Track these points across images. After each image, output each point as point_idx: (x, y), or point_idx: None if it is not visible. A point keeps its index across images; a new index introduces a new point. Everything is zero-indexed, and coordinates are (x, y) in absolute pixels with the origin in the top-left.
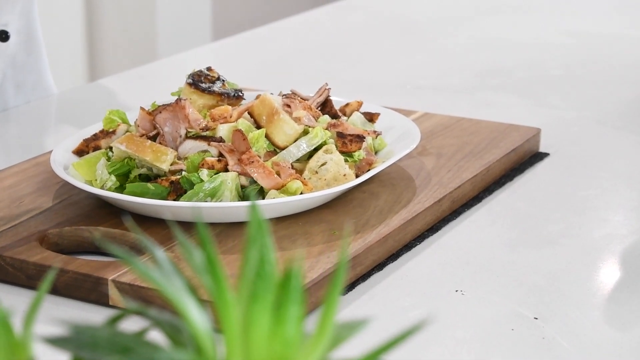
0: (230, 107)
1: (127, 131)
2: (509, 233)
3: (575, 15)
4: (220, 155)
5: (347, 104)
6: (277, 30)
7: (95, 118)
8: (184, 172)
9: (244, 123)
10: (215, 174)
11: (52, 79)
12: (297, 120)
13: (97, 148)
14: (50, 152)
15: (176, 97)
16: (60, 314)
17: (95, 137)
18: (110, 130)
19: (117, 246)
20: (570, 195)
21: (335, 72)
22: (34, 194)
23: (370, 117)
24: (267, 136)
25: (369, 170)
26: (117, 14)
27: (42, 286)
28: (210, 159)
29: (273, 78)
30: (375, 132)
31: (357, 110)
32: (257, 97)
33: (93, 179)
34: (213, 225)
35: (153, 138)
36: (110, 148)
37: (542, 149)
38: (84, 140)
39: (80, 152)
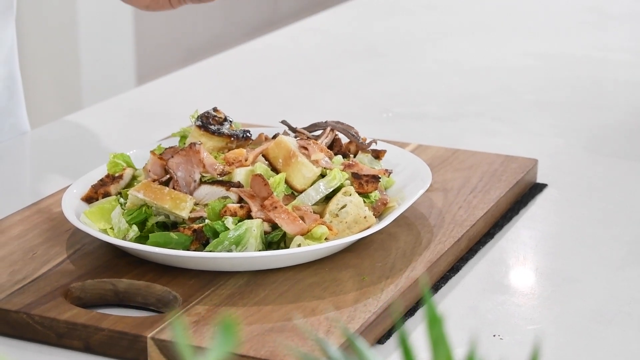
0: (244, 149)
1: (133, 175)
2: (530, 270)
3: (535, 37)
4: (240, 200)
5: (350, 141)
6: (233, 57)
7: (69, 159)
8: (206, 220)
9: (261, 167)
10: (239, 220)
11: (27, 120)
12: (315, 162)
13: (106, 194)
14: (49, 197)
15: (177, 138)
16: None
17: (103, 182)
18: (117, 175)
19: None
20: (579, 228)
21: (305, 100)
22: (45, 244)
23: (377, 155)
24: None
25: (384, 209)
26: (41, 61)
27: None
28: (233, 206)
29: (240, 108)
30: (386, 170)
31: None
32: (260, 135)
33: (107, 226)
34: (239, 274)
35: (165, 183)
36: (120, 193)
37: (538, 180)
38: (92, 186)
39: (88, 198)
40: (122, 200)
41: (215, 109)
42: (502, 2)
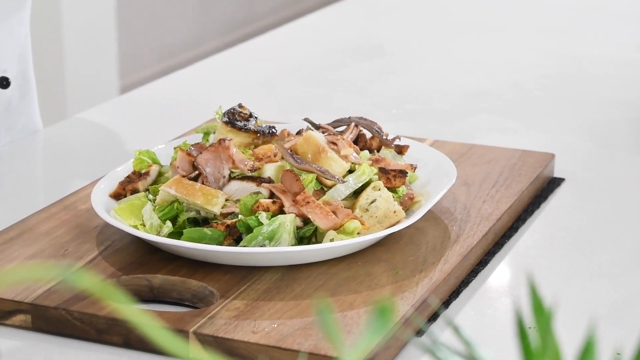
0: (273, 145)
1: (159, 172)
2: (558, 264)
3: (543, 34)
4: (271, 195)
5: (372, 137)
6: (236, 56)
7: (83, 157)
8: (240, 216)
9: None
10: (272, 216)
11: (39, 119)
12: (345, 157)
13: (134, 190)
14: (73, 194)
15: (201, 134)
16: None
17: (130, 179)
18: (143, 171)
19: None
20: (603, 224)
21: (315, 98)
22: (75, 240)
23: (400, 150)
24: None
25: (410, 204)
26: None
27: None
28: (266, 201)
29: (248, 105)
30: (412, 165)
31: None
32: (283, 131)
33: (137, 223)
34: (273, 269)
35: (194, 179)
36: (148, 190)
37: (554, 174)
38: (119, 183)
39: (116, 195)
40: (150, 196)
41: (240, 105)
42: None
